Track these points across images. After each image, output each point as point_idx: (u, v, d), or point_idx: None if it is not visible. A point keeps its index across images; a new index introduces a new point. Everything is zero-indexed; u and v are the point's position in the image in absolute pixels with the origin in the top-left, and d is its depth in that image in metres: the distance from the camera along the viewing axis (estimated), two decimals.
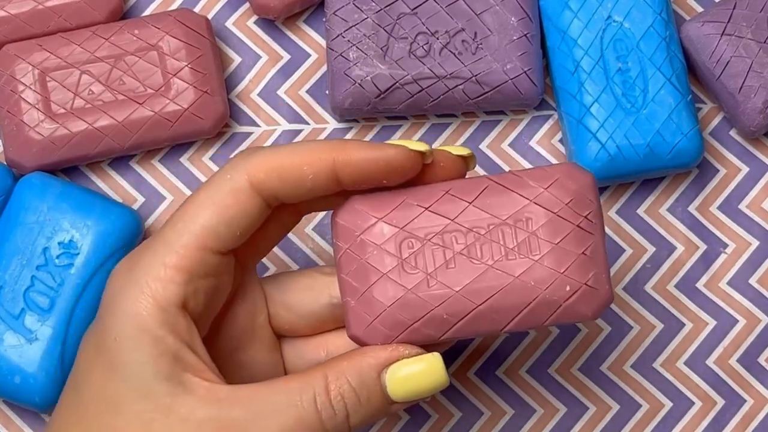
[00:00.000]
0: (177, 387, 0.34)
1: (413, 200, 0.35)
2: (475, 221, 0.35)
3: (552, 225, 0.34)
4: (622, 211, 0.47)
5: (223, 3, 0.49)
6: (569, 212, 0.34)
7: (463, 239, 0.35)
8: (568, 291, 0.34)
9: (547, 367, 0.46)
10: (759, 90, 0.46)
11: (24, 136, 0.45)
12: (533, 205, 0.35)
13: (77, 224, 0.44)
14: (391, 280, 0.34)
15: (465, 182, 0.36)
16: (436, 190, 0.35)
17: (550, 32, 0.47)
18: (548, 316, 0.34)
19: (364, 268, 0.35)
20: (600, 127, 0.45)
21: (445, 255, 0.35)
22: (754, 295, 0.47)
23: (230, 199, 0.35)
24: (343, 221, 0.35)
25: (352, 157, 0.35)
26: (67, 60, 0.46)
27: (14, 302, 0.44)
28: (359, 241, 0.35)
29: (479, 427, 0.45)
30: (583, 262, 0.34)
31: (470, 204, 0.35)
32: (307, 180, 0.35)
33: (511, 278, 0.34)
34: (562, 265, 0.34)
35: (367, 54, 0.45)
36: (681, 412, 0.46)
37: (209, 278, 0.35)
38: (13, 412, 0.46)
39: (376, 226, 0.35)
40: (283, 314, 0.39)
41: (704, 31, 0.47)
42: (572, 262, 0.34)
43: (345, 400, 0.34)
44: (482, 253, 0.35)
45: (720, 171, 0.48)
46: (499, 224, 0.35)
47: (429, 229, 0.35)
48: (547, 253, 0.34)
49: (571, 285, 0.34)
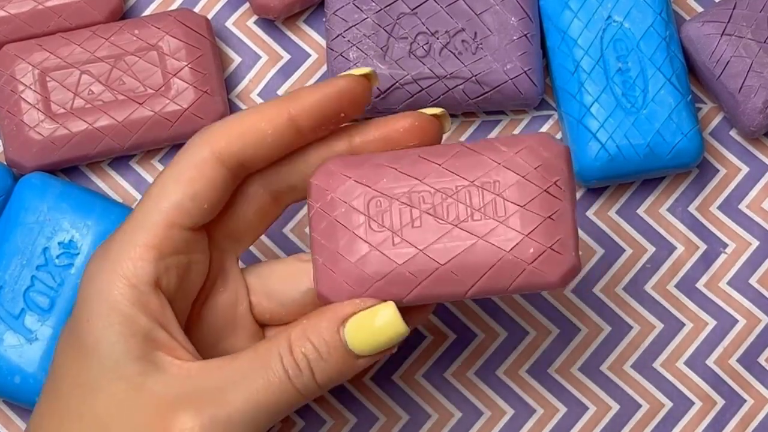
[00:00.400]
0: (149, 366, 0.34)
1: (385, 161, 0.35)
2: (444, 182, 0.35)
3: (519, 188, 0.34)
4: (622, 211, 0.47)
5: (223, 3, 0.49)
6: (537, 176, 0.35)
7: (430, 199, 0.35)
8: (532, 253, 0.34)
9: (547, 367, 0.46)
10: (759, 90, 0.46)
11: (24, 136, 0.45)
12: (502, 168, 0.35)
13: (77, 224, 0.44)
14: (357, 237, 0.35)
15: (438, 147, 0.36)
16: (408, 153, 0.36)
17: (550, 32, 0.47)
18: (512, 279, 0.34)
19: (332, 225, 0.35)
20: (600, 127, 0.45)
21: (411, 214, 0.35)
22: (754, 295, 0.47)
23: (194, 172, 0.35)
24: (317, 182, 0.36)
25: (305, 102, 0.36)
26: (67, 60, 0.46)
27: (14, 302, 0.44)
28: (329, 199, 0.35)
29: (479, 427, 0.45)
30: (549, 226, 0.34)
31: (440, 166, 0.35)
32: (268, 137, 0.36)
33: (476, 239, 0.34)
34: (527, 227, 0.34)
35: (367, 54, 0.45)
36: (681, 412, 0.46)
37: (180, 255, 0.36)
38: (13, 412, 0.46)
39: (346, 184, 0.35)
40: (264, 303, 0.39)
41: (704, 31, 0.47)
42: (538, 224, 0.34)
43: (308, 357, 0.34)
44: (448, 213, 0.35)
45: (720, 171, 0.48)
46: (467, 186, 0.35)
47: (398, 189, 0.35)
48: (512, 214, 0.34)
49: (535, 248, 0.34)
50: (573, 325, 0.46)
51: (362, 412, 0.46)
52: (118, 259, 0.35)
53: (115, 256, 0.35)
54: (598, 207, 0.47)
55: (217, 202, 0.36)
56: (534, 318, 0.46)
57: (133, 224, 0.36)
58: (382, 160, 0.36)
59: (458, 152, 0.35)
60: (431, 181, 0.35)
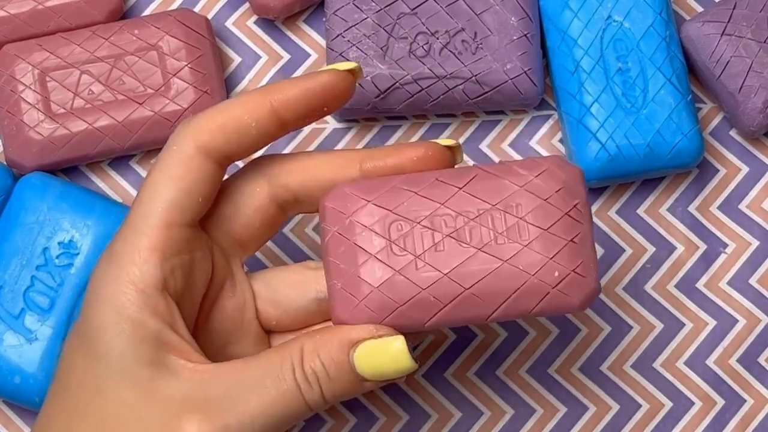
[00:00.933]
0: (160, 369, 0.34)
1: (403, 185, 0.35)
2: (465, 206, 0.35)
3: (541, 211, 0.34)
4: (622, 211, 0.47)
5: (223, 3, 0.49)
6: (559, 200, 0.34)
7: (452, 223, 0.35)
8: (556, 277, 0.34)
9: (547, 367, 0.46)
10: (759, 90, 0.46)
11: (24, 136, 0.45)
12: (523, 192, 0.35)
13: (77, 224, 0.44)
14: (379, 261, 0.34)
15: (455, 170, 0.36)
16: (426, 176, 0.35)
17: (550, 32, 0.47)
18: (536, 303, 0.34)
19: (352, 249, 0.35)
20: (600, 127, 0.45)
21: (434, 238, 0.34)
22: (754, 295, 0.47)
23: (182, 169, 0.36)
24: (332, 205, 0.35)
25: (288, 94, 0.36)
26: (67, 60, 0.46)
27: (14, 302, 0.44)
28: (348, 223, 0.35)
29: (479, 427, 0.45)
30: (572, 249, 0.34)
31: (460, 189, 0.35)
32: (251, 128, 0.36)
33: (500, 262, 0.34)
34: (551, 251, 0.34)
35: (367, 54, 0.45)
36: (681, 412, 0.46)
37: (183, 255, 0.36)
38: (13, 412, 0.46)
39: (366, 208, 0.35)
40: (270, 310, 0.39)
41: (704, 31, 0.47)
42: (561, 248, 0.34)
43: (317, 375, 0.34)
44: (471, 237, 0.34)
45: (720, 171, 0.48)
46: (489, 209, 0.35)
47: (418, 212, 0.35)
48: (536, 238, 0.34)
49: (560, 271, 0.34)
50: (573, 325, 0.46)
51: (362, 412, 0.46)
52: (123, 266, 0.35)
53: (120, 263, 0.35)
54: (598, 207, 0.47)
55: (209, 195, 0.36)
56: (534, 318, 0.46)
57: (133, 228, 0.35)
58: (399, 183, 0.35)
59: (477, 175, 0.35)
60: (452, 205, 0.35)
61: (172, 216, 0.35)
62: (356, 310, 0.35)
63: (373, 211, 0.35)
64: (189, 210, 0.36)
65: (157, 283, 0.35)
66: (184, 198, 0.35)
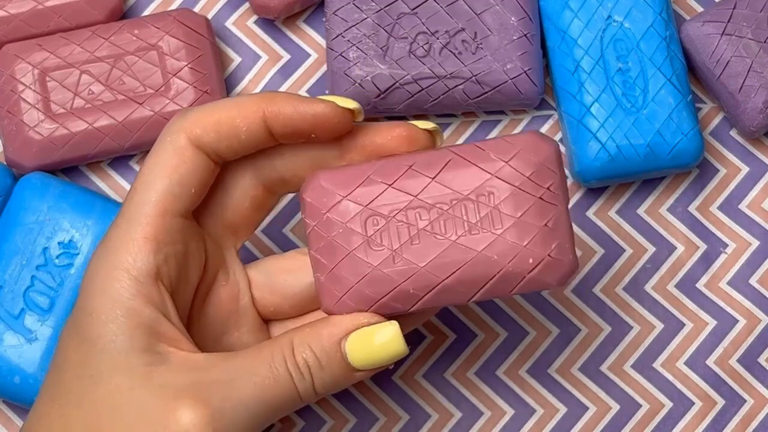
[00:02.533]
0: (154, 357, 0.35)
1: (377, 176, 0.35)
2: (438, 197, 0.35)
3: (514, 198, 0.35)
4: (622, 211, 0.47)
5: (223, 3, 0.49)
6: (531, 185, 0.35)
7: (426, 215, 0.35)
8: (530, 263, 0.35)
9: (547, 367, 0.46)
10: (759, 90, 0.46)
11: (24, 136, 0.45)
12: (495, 179, 0.35)
13: (77, 224, 0.44)
14: (357, 257, 0.35)
15: (428, 155, 0.36)
16: (400, 165, 0.36)
17: (550, 32, 0.47)
18: (512, 287, 0.35)
19: (331, 245, 0.35)
20: (600, 127, 0.45)
21: (409, 231, 0.35)
22: (754, 295, 0.47)
23: (175, 159, 0.36)
24: (309, 199, 0.36)
25: (282, 110, 0.36)
26: (67, 60, 0.46)
27: (14, 302, 0.44)
28: (325, 219, 0.35)
29: (479, 427, 0.45)
30: (546, 234, 0.35)
31: (432, 180, 0.35)
32: (242, 132, 0.36)
33: (475, 252, 0.35)
34: (524, 239, 0.35)
35: (367, 54, 0.45)
36: (681, 412, 0.46)
37: (177, 244, 0.36)
38: (13, 412, 0.46)
39: (341, 204, 0.35)
40: (267, 297, 0.39)
41: (704, 31, 0.47)
42: (534, 235, 0.35)
43: (309, 364, 0.35)
44: (446, 229, 0.35)
45: (720, 171, 0.48)
46: (462, 199, 0.35)
47: (393, 205, 0.35)
48: (509, 227, 0.35)
49: (533, 257, 0.35)
50: (573, 325, 0.46)
51: (362, 412, 0.46)
52: (117, 254, 0.35)
53: (114, 251, 0.35)
54: (598, 207, 0.47)
55: (202, 186, 0.37)
56: (534, 318, 0.46)
57: (127, 218, 0.36)
58: (373, 174, 0.36)
59: (450, 161, 0.35)
60: (426, 197, 0.35)
61: (166, 206, 0.36)
62: (340, 303, 0.35)
63: (349, 206, 0.35)
64: (182, 200, 0.36)
65: (151, 272, 0.35)
66: (177, 188, 0.36)
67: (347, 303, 0.35)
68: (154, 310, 0.35)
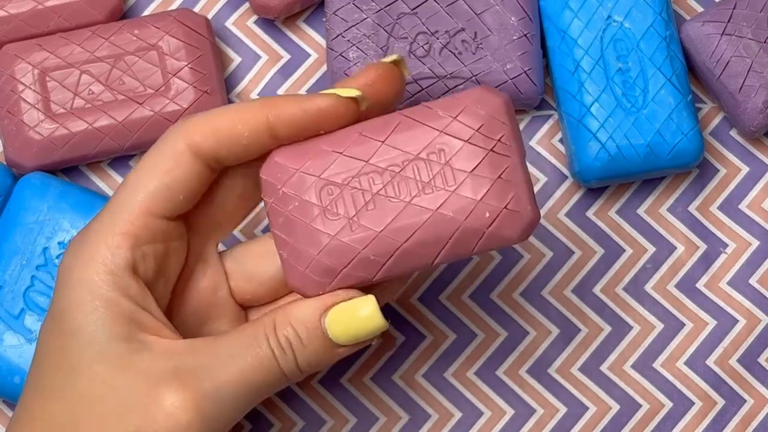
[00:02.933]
0: (135, 345, 0.35)
1: (328, 146, 0.35)
2: (390, 159, 0.35)
3: (465, 153, 0.34)
4: (622, 211, 0.47)
5: (223, 3, 0.49)
6: (481, 138, 0.34)
7: (380, 179, 0.35)
8: (488, 217, 0.34)
9: (547, 367, 0.46)
10: (759, 90, 0.46)
11: (24, 136, 0.45)
12: (445, 136, 0.35)
13: (77, 224, 0.44)
14: (315, 229, 0.35)
15: (377, 120, 0.36)
16: (350, 133, 0.35)
17: (550, 32, 0.47)
18: (474, 244, 0.35)
19: (289, 220, 0.35)
20: (600, 127, 0.45)
21: (364, 197, 0.35)
22: (754, 295, 0.47)
23: (170, 163, 0.36)
24: (266, 176, 0.36)
25: (284, 111, 0.36)
26: (67, 60, 0.46)
27: (14, 302, 0.44)
28: (282, 195, 0.35)
29: (479, 427, 0.45)
30: (501, 187, 0.34)
31: (383, 143, 0.35)
32: (243, 138, 0.36)
33: (430, 212, 0.34)
34: (478, 193, 0.34)
35: (367, 54, 0.45)
36: (681, 412, 0.46)
37: (157, 243, 0.36)
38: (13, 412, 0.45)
39: (295, 177, 0.35)
40: (243, 285, 0.39)
41: (704, 31, 0.47)
42: (489, 188, 0.34)
43: (290, 341, 0.35)
44: (400, 191, 0.35)
45: (720, 171, 0.48)
46: (413, 159, 0.35)
47: (346, 173, 0.35)
48: (463, 182, 0.34)
49: (490, 211, 0.34)
50: (573, 325, 0.46)
51: (362, 412, 0.46)
52: (95, 246, 0.35)
53: (93, 244, 0.36)
54: (598, 207, 0.47)
55: (193, 193, 0.37)
56: (534, 318, 0.46)
57: (111, 212, 0.36)
58: (325, 145, 0.35)
59: (399, 125, 0.35)
60: (377, 161, 0.35)
61: (151, 206, 0.36)
62: (304, 277, 0.35)
63: (303, 179, 0.35)
64: (169, 203, 0.36)
65: (128, 267, 0.35)
66: (166, 192, 0.36)
67: (310, 277, 0.35)
68: (133, 302, 0.35)
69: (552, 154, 0.48)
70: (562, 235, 0.47)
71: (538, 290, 0.46)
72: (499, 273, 0.47)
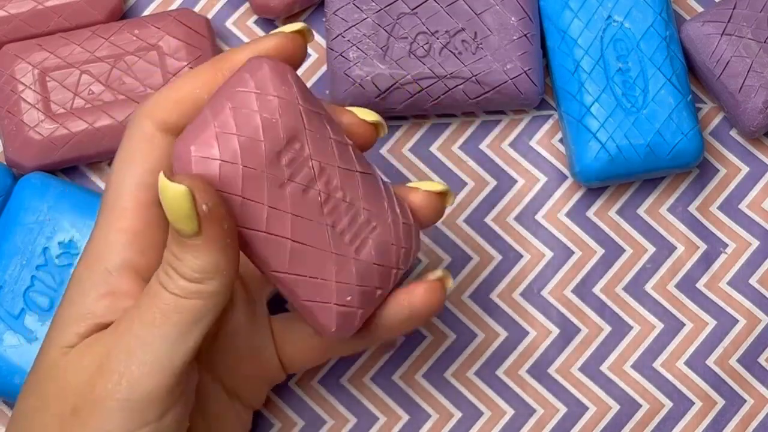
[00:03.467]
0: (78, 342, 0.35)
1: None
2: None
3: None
4: (622, 211, 0.47)
5: (223, 3, 0.49)
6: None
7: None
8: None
9: (547, 367, 0.46)
10: (759, 90, 0.46)
11: (24, 136, 0.45)
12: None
13: (77, 224, 0.44)
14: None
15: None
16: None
17: (550, 32, 0.47)
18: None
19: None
20: (600, 127, 0.45)
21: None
22: (754, 295, 0.47)
23: (145, 146, 0.36)
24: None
25: (235, 60, 0.35)
26: (67, 60, 0.46)
27: (14, 302, 0.44)
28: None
29: (479, 427, 0.45)
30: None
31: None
32: (204, 101, 0.35)
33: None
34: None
35: (367, 54, 0.45)
36: (681, 412, 0.46)
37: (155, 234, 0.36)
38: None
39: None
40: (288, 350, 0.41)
41: (704, 31, 0.47)
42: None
43: (166, 261, 0.34)
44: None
45: (720, 171, 0.48)
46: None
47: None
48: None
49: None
50: (573, 325, 0.46)
51: (362, 412, 0.46)
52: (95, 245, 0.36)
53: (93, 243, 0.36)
54: (598, 207, 0.47)
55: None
56: (534, 318, 0.46)
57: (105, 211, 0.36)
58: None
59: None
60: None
61: (139, 195, 0.36)
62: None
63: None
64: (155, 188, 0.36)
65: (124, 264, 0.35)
66: (150, 176, 0.36)
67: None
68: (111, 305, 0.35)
69: (552, 154, 0.48)
70: (562, 235, 0.47)
71: (538, 290, 0.47)
72: (499, 273, 0.47)
